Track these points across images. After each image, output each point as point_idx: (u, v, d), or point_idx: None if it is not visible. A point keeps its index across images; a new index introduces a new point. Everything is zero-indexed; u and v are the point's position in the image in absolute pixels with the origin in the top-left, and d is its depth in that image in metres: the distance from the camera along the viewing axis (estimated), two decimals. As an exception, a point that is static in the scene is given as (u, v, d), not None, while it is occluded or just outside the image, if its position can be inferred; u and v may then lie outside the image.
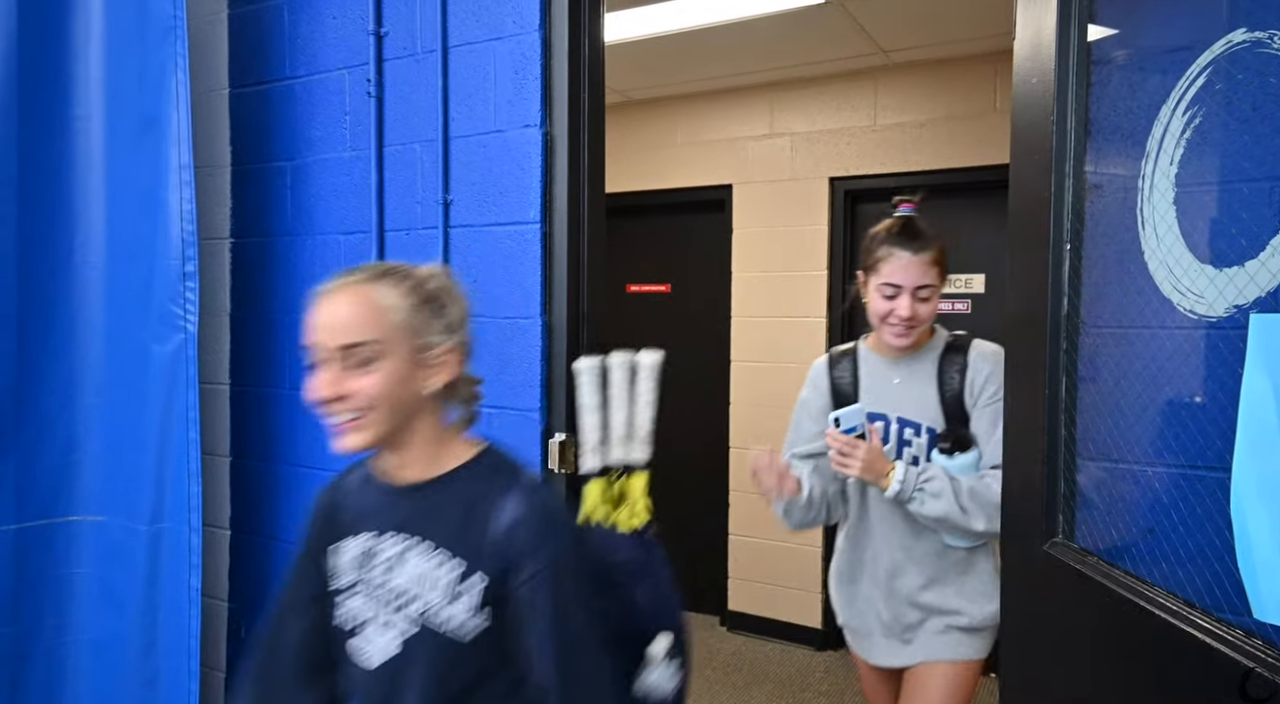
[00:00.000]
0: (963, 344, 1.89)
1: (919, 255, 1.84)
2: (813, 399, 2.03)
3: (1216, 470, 0.93)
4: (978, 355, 1.85)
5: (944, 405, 1.85)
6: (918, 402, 1.88)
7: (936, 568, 1.89)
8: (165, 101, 1.99)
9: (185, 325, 1.99)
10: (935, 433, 1.85)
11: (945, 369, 1.86)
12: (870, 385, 1.94)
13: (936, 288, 1.85)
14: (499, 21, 1.92)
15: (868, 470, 1.77)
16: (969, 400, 1.84)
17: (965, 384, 1.84)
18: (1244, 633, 0.91)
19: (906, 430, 1.89)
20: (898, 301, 1.82)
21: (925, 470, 1.78)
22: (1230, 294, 0.91)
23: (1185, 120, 1.01)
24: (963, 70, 3.72)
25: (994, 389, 1.80)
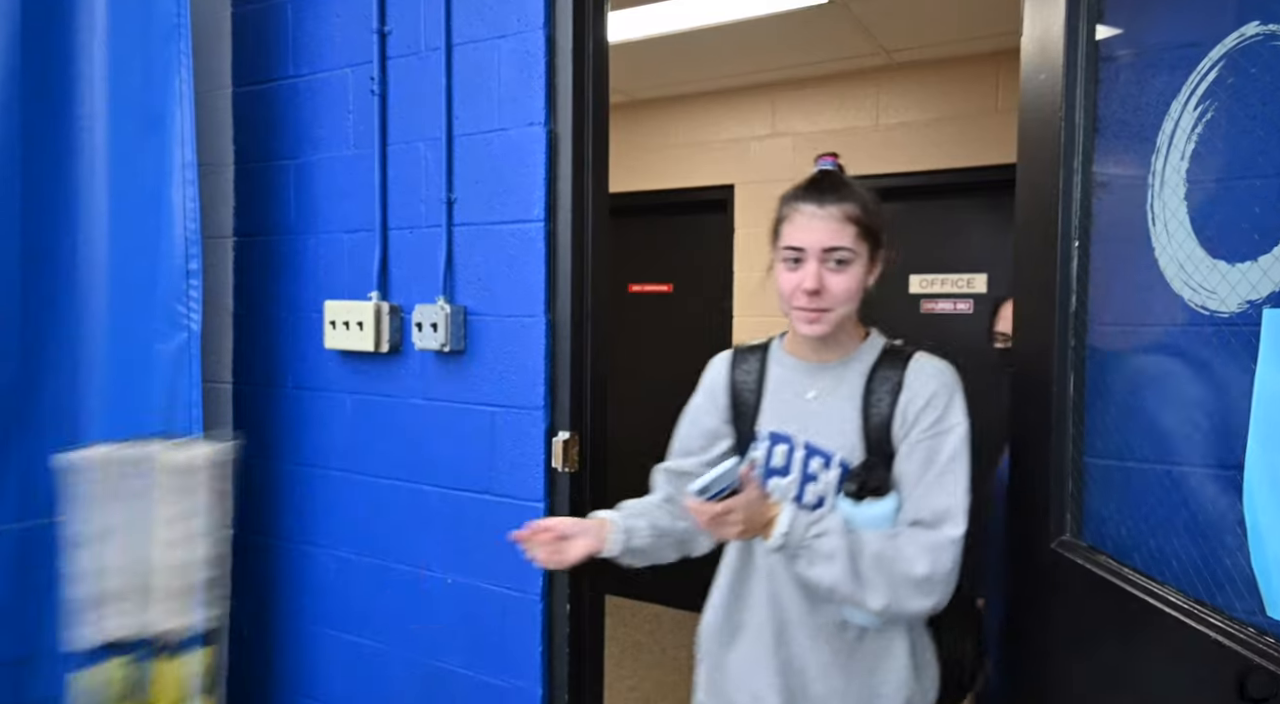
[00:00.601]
0: (902, 356, 1.47)
1: (826, 208, 1.40)
2: (704, 406, 1.61)
3: (1228, 467, 0.93)
4: (917, 373, 1.42)
5: (866, 433, 1.41)
6: (833, 424, 1.44)
7: (836, 647, 1.44)
8: (169, 100, 1.98)
9: (189, 323, 1.99)
10: (849, 469, 1.42)
11: (875, 386, 1.44)
12: (778, 395, 1.52)
13: (856, 255, 1.41)
14: (503, 19, 1.92)
15: (747, 529, 1.33)
16: (898, 430, 1.40)
17: (897, 409, 1.41)
18: (1255, 630, 0.91)
19: (814, 461, 1.45)
20: (801, 270, 1.41)
21: (819, 521, 1.34)
22: (1243, 289, 0.90)
23: (1197, 115, 1.01)
24: (965, 70, 3.72)
25: (932, 419, 1.38)
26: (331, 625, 2.22)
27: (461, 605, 2.01)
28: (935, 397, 1.39)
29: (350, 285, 2.14)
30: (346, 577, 2.18)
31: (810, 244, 1.40)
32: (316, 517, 2.24)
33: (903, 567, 1.31)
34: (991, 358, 2.09)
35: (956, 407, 1.39)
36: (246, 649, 2.35)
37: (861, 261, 1.42)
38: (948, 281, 3.88)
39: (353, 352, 2.13)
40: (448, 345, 1.95)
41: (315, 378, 2.22)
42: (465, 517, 2.00)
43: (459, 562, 2.01)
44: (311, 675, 2.25)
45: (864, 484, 1.38)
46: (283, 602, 2.29)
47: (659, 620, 4.49)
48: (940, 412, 1.38)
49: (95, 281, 2.05)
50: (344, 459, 2.19)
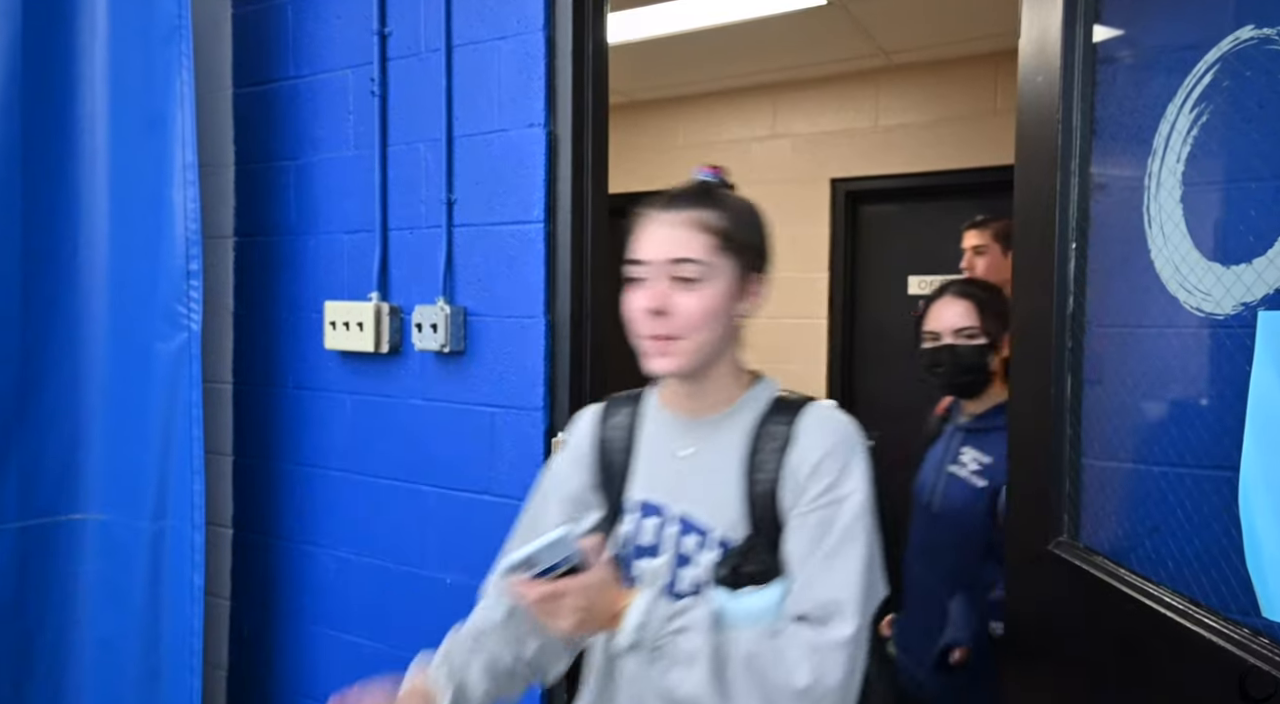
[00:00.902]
0: (795, 406, 1.18)
1: (674, 212, 1.15)
2: (565, 471, 1.32)
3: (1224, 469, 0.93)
4: (809, 428, 1.14)
5: (750, 503, 1.14)
6: (712, 493, 1.17)
7: None
8: (170, 101, 1.99)
9: (189, 324, 2.00)
10: (730, 549, 1.14)
11: (761, 444, 1.15)
12: (649, 457, 1.25)
13: (713, 270, 1.13)
14: (503, 21, 1.93)
15: (588, 620, 1.08)
16: (785, 498, 1.12)
17: (783, 472, 1.13)
18: (1250, 631, 0.91)
19: (689, 538, 1.17)
20: (643, 290, 1.16)
21: (682, 614, 1.08)
22: (1238, 291, 0.91)
23: (1192, 117, 1.01)
24: (964, 71, 3.72)
25: (823, 485, 1.10)
26: (331, 625, 2.22)
27: (461, 606, 2.01)
28: (828, 457, 1.11)
29: (350, 286, 2.15)
30: (346, 577, 2.19)
31: (652, 255, 1.14)
32: (316, 517, 2.24)
33: (780, 675, 1.03)
34: (919, 359, 2.09)
35: (855, 470, 1.11)
36: (246, 649, 2.36)
37: (722, 280, 1.14)
38: (947, 283, 3.89)
39: (353, 352, 2.13)
40: (447, 346, 1.96)
41: (315, 378, 2.23)
42: (465, 517, 2.00)
43: (458, 562, 2.01)
44: (311, 675, 2.25)
45: (738, 569, 1.11)
46: (282, 602, 2.30)
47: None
48: (833, 476, 1.10)
49: (96, 282, 2.05)
50: (344, 459, 2.19)
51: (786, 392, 1.24)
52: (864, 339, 4.09)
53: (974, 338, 1.95)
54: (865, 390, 4.11)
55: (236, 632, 2.38)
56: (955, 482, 1.99)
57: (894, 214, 4.04)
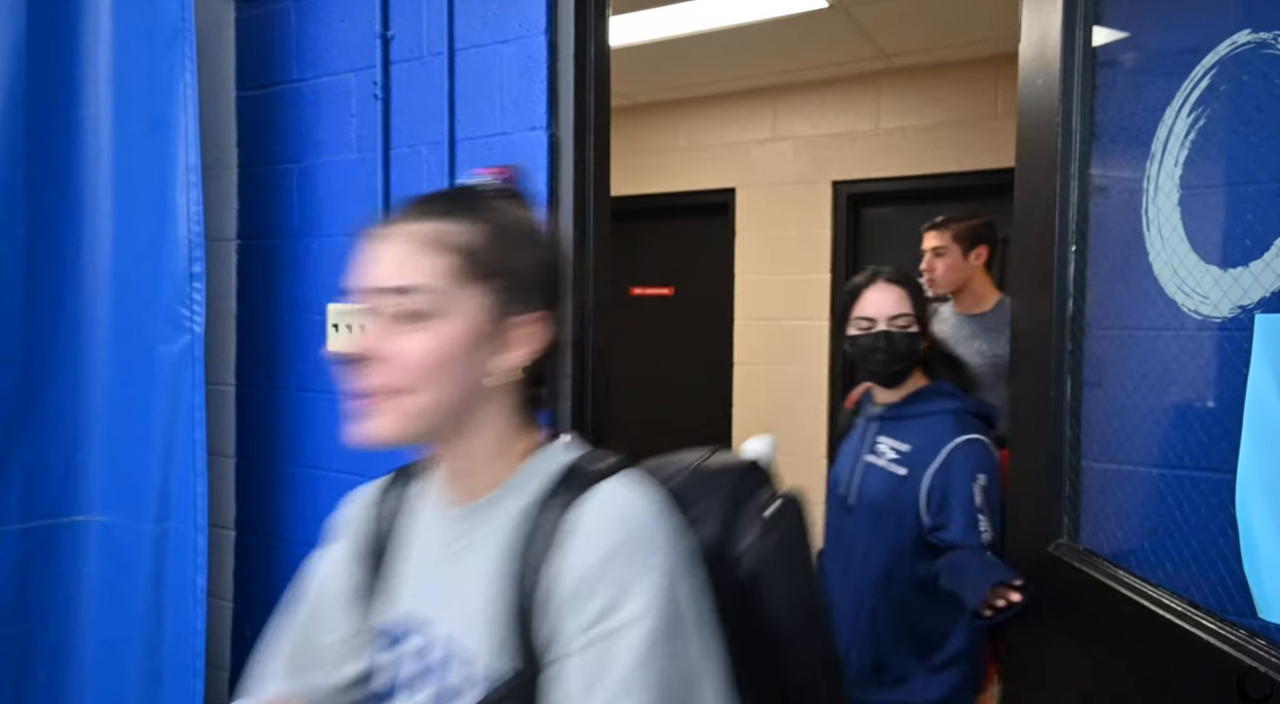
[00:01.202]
0: (581, 483, 0.85)
1: (396, 227, 0.88)
2: (338, 567, 1.08)
3: (1221, 471, 0.93)
4: (584, 523, 0.81)
5: (516, 622, 0.82)
6: (471, 606, 0.87)
7: None
8: (173, 103, 2.00)
9: (192, 326, 2.00)
10: (497, 684, 0.83)
11: (531, 541, 0.83)
12: (420, 554, 0.96)
13: (445, 302, 0.83)
14: (505, 24, 1.93)
15: None
16: (539, 624, 0.81)
17: (541, 583, 0.81)
18: (1247, 633, 0.92)
19: (455, 668, 0.87)
20: None
21: None
22: (1235, 294, 0.91)
23: (1190, 121, 1.02)
24: (965, 74, 3.73)
25: (598, 607, 0.78)
26: (333, 627, 2.22)
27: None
28: (604, 567, 0.78)
29: (353, 288, 2.15)
30: (348, 578, 2.19)
31: (367, 282, 0.87)
32: (319, 519, 2.25)
33: None
34: (848, 346, 1.99)
35: (643, 584, 0.77)
36: (249, 651, 2.36)
37: (461, 317, 0.83)
38: (948, 285, 3.89)
39: (355, 354, 2.13)
40: (449, 348, 1.96)
41: (318, 380, 2.23)
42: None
43: (460, 563, 2.01)
44: (313, 677, 2.26)
45: None
46: (285, 602, 2.30)
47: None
48: (607, 597, 0.77)
49: (99, 284, 2.06)
50: (346, 461, 2.19)
51: (586, 459, 0.89)
52: (865, 341, 4.09)
53: (908, 326, 1.92)
54: (866, 393, 4.11)
55: (239, 634, 2.39)
56: (873, 471, 1.94)
57: (895, 216, 4.05)
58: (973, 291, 2.92)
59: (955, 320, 2.94)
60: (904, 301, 1.94)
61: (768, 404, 4.18)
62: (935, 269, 2.90)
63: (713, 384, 4.31)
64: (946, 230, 2.89)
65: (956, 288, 2.93)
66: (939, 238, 2.90)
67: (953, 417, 1.88)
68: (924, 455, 1.85)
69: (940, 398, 1.94)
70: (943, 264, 2.90)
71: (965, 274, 2.91)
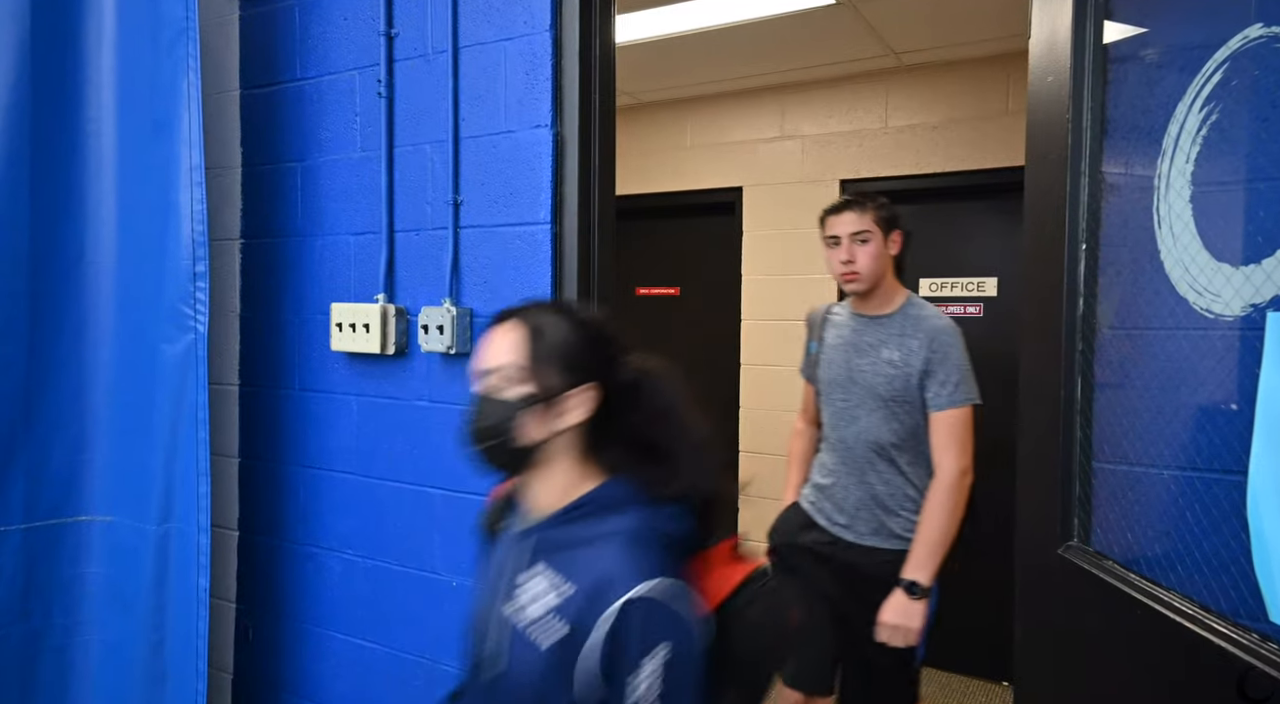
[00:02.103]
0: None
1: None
2: None
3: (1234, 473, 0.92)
4: None
5: None
6: None
7: None
8: (177, 103, 1.99)
9: (195, 326, 2.00)
10: None
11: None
12: None
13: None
14: (510, 22, 1.92)
15: None
16: None
17: None
18: (1259, 636, 0.90)
19: None
20: None
21: None
22: (1247, 292, 0.90)
23: (1202, 117, 1.00)
24: (974, 72, 3.70)
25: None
26: (336, 628, 2.22)
27: (466, 608, 2.01)
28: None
29: (357, 288, 2.15)
30: (351, 579, 2.19)
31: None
32: (322, 519, 2.24)
33: None
34: None
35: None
36: (251, 652, 2.36)
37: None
38: (958, 285, 3.86)
39: (359, 354, 2.13)
40: (454, 347, 1.96)
41: (321, 380, 2.23)
42: (470, 519, 1.99)
43: (464, 564, 2.01)
44: (316, 678, 2.25)
45: None
46: (287, 604, 2.30)
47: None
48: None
49: (103, 284, 2.06)
50: (349, 461, 2.19)
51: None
52: (873, 341, 4.07)
53: (503, 388, 1.22)
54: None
55: (242, 634, 2.38)
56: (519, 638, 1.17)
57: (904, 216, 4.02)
58: (884, 289, 2.33)
59: (856, 324, 2.36)
60: (511, 348, 1.22)
61: (774, 405, 4.16)
62: (859, 260, 2.28)
63: (719, 385, 4.29)
64: (868, 211, 2.31)
65: (877, 283, 2.32)
66: (860, 220, 2.29)
67: (621, 544, 1.12)
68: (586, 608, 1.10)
69: (609, 512, 1.18)
70: (867, 253, 2.28)
71: (885, 266, 2.33)
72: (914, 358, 2.20)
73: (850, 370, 2.30)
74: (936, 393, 2.18)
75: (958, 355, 2.19)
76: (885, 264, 2.31)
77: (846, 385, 2.31)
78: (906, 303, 2.31)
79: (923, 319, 2.24)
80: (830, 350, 2.37)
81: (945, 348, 2.18)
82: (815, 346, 2.45)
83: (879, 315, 2.31)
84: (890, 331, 2.27)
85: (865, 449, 2.27)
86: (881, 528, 2.27)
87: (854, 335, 2.34)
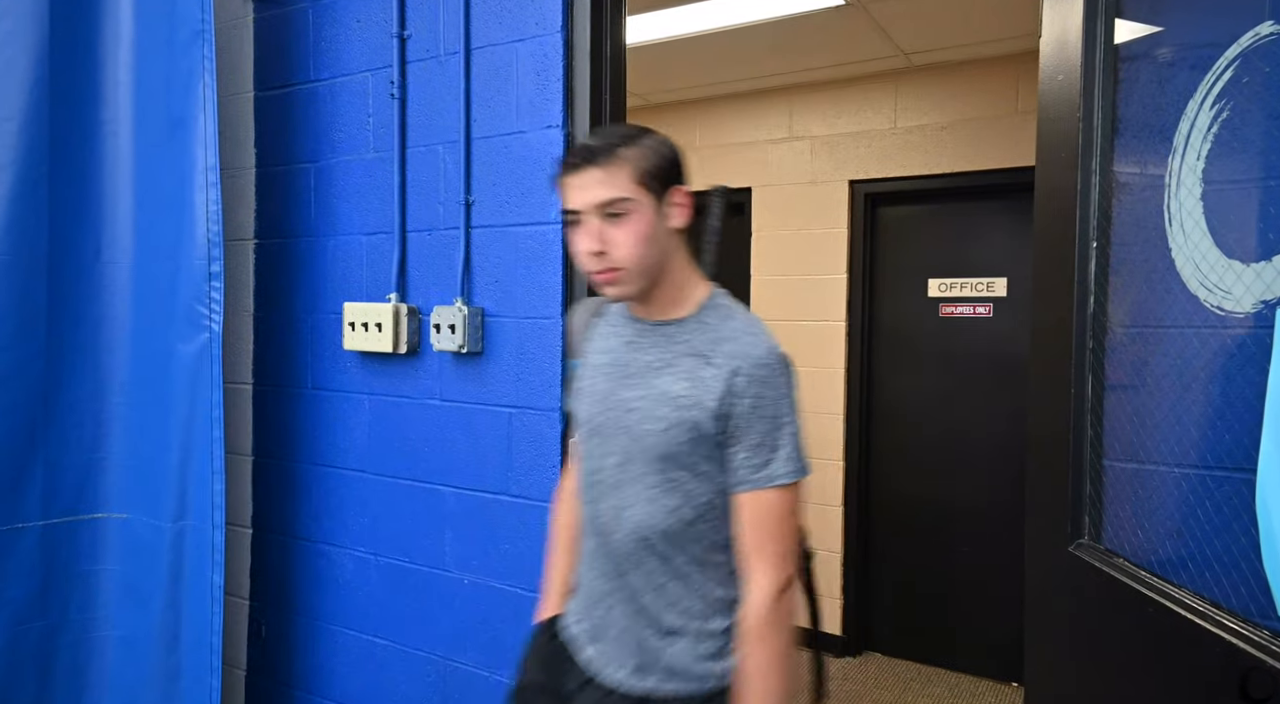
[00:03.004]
0: None
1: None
2: None
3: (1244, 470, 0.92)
4: None
5: None
6: None
7: None
8: (192, 104, 2.01)
9: (210, 325, 2.01)
10: None
11: None
12: None
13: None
14: (521, 23, 1.94)
15: None
16: None
17: None
18: (1270, 633, 0.90)
19: None
20: None
21: None
22: (1258, 289, 0.90)
23: (1212, 115, 1.00)
24: (984, 72, 3.70)
25: None
26: (348, 625, 2.23)
27: (478, 605, 2.02)
28: None
29: (369, 287, 2.16)
30: (364, 576, 2.20)
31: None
32: (334, 517, 2.26)
33: None
34: None
35: None
36: (265, 648, 2.38)
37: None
38: (967, 285, 3.86)
39: (371, 353, 2.14)
40: (465, 347, 1.97)
41: (334, 379, 2.24)
42: (482, 517, 2.01)
43: (476, 562, 2.02)
44: (329, 674, 2.27)
45: None
46: (300, 601, 2.31)
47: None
48: None
49: (119, 283, 2.08)
50: (362, 459, 2.20)
51: None
52: (883, 342, 4.07)
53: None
54: (884, 394, 4.09)
55: (255, 631, 2.40)
56: None
57: (913, 216, 4.02)
58: (670, 282, 1.39)
59: (629, 333, 1.44)
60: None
61: (784, 405, 4.16)
62: (616, 247, 1.32)
63: (729, 384, 4.30)
64: (621, 165, 1.31)
65: (654, 279, 1.37)
66: (610, 181, 1.30)
67: None
68: None
69: None
70: (630, 234, 1.31)
71: (666, 249, 1.37)
72: (707, 395, 1.30)
73: (610, 407, 1.40)
74: (746, 462, 1.30)
75: (782, 400, 1.31)
76: (665, 246, 1.35)
77: (605, 431, 1.40)
78: (708, 303, 1.40)
79: (728, 334, 1.34)
80: (592, 373, 1.46)
81: (761, 385, 1.29)
82: (578, 364, 1.54)
83: (664, 321, 1.40)
84: (676, 348, 1.37)
85: (629, 538, 1.36)
86: (652, 664, 1.36)
87: (625, 350, 1.44)
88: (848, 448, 4.04)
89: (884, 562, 4.10)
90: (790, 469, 1.31)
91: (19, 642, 1.98)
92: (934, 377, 3.96)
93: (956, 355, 3.90)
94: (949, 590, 3.89)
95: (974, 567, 3.83)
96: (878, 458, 4.10)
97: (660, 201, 1.33)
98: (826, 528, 4.11)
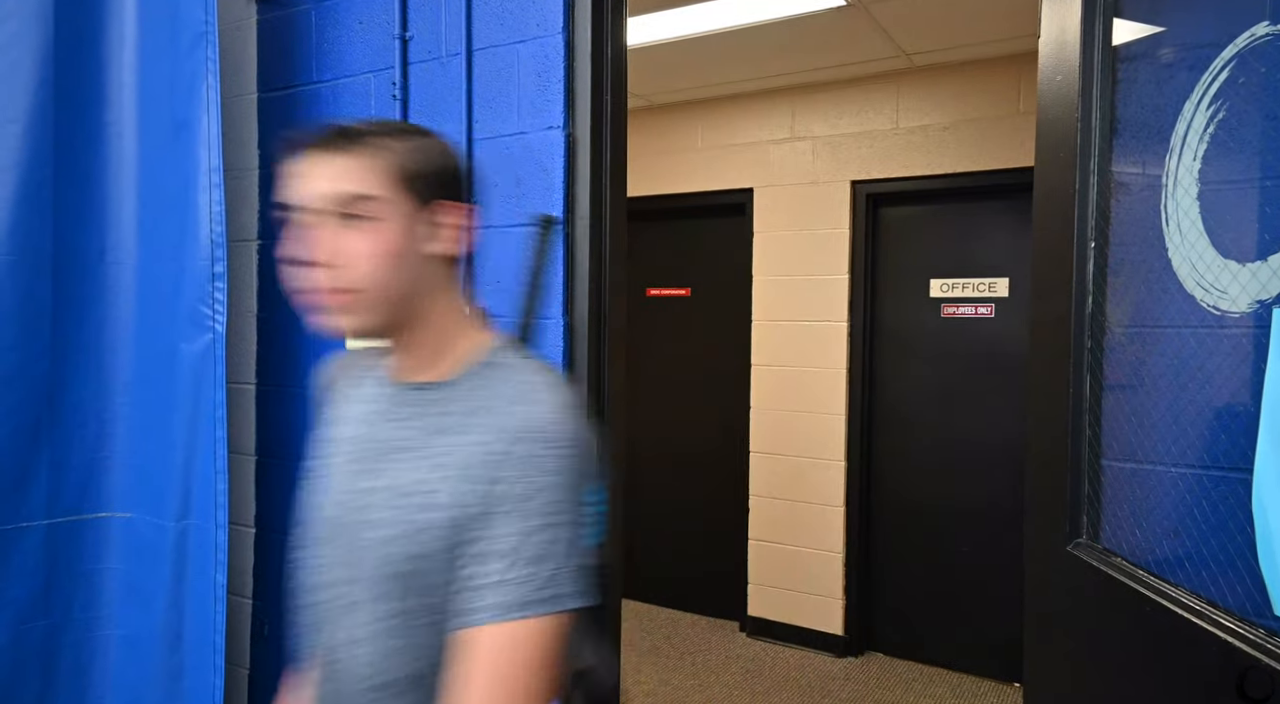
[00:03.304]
0: None
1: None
2: None
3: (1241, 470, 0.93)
4: None
5: None
6: None
7: None
8: (196, 106, 2.02)
9: (214, 325, 2.02)
10: None
11: None
12: None
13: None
14: (523, 25, 1.94)
15: None
16: None
17: None
18: (1267, 632, 0.91)
19: None
20: None
21: None
22: (1254, 289, 0.90)
23: (1209, 115, 1.01)
24: (985, 73, 3.71)
25: None
26: (352, 624, 2.23)
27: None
28: None
29: (371, 288, 2.17)
30: (367, 576, 2.20)
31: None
32: (337, 516, 2.26)
33: None
34: None
35: None
36: (267, 647, 2.38)
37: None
38: (969, 285, 3.87)
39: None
40: (467, 347, 1.97)
41: (337, 379, 2.25)
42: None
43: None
44: (332, 674, 2.27)
45: None
46: (304, 600, 2.31)
47: (676, 625, 4.50)
48: None
49: (123, 283, 2.09)
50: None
51: None
52: (884, 342, 4.08)
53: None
54: (885, 394, 4.09)
55: (258, 630, 2.41)
56: None
57: (915, 216, 4.03)
58: (428, 323, 1.05)
59: (386, 401, 1.09)
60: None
61: (785, 406, 4.17)
62: (349, 255, 0.97)
63: (730, 386, 4.30)
64: (371, 153, 0.98)
65: (401, 314, 1.02)
66: (354, 174, 0.97)
67: None
68: None
69: None
70: (370, 243, 0.97)
71: (417, 276, 1.02)
72: (443, 486, 0.95)
73: (342, 502, 1.06)
74: (483, 578, 0.90)
75: (554, 491, 0.91)
76: (420, 274, 1.02)
77: (334, 533, 1.05)
78: (486, 361, 1.04)
79: (488, 403, 0.98)
80: (332, 450, 1.14)
81: (521, 467, 0.91)
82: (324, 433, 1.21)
83: (423, 384, 1.05)
84: (429, 422, 1.02)
85: (358, 685, 0.99)
86: None
87: (375, 422, 1.09)
88: (849, 448, 4.05)
89: (885, 562, 4.11)
90: (554, 593, 0.88)
91: (22, 641, 1.99)
92: (936, 377, 3.97)
93: (958, 356, 3.91)
94: (951, 590, 3.90)
95: (976, 567, 3.83)
96: (879, 458, 4.11)
97: (421, 214, 1.00)
98: (828, 529, 4.11)
